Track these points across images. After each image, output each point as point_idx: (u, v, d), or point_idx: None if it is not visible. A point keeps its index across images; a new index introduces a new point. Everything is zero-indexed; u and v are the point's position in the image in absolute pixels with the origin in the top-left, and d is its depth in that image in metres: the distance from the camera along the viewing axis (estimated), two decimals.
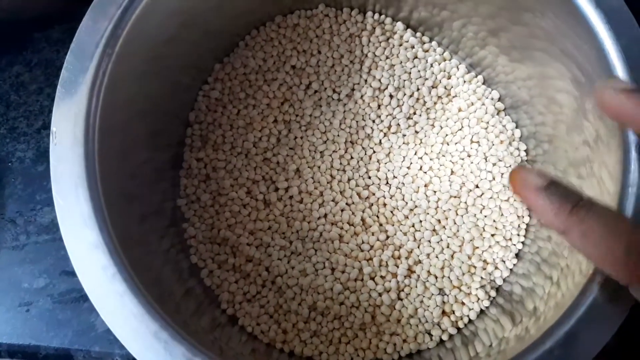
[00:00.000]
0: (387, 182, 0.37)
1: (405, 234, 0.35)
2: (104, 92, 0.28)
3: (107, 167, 0.27)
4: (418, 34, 0.38)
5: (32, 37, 0.44)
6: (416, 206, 0.36)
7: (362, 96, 0.38)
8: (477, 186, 0.36)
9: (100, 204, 0.25)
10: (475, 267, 0.34)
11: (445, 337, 0.33)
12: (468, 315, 0.34)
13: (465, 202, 0.35)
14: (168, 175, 0.37)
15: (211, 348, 0.28)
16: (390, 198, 0.36)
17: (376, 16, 0.38)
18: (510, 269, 0.34)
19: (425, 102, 0.38)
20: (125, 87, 0.30)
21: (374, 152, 0.37)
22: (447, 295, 0.34)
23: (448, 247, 0.35)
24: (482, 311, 0.34)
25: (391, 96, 0.38)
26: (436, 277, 0.34)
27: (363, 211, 0.36)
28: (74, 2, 0.42)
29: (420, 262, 0.35)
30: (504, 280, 0.34)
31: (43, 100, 0.42)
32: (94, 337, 0.35)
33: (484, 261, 0.34)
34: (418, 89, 0.38)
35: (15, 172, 0.40)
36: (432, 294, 0.34)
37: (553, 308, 0.29)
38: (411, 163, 0.37)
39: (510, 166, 0.36)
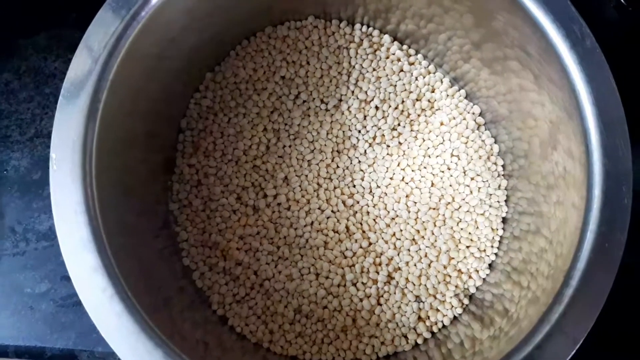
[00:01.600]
0: (371, 191, 0.39)
1: (386, 242, 0.38)
2: (105, 98, 0.29)
3: (102, 165, 0.29)
4: (404, 47, 0.40)
5: (18, 44, 0.44)
6: (397, 216, 0.38)
7: (349, 107, 0.39)
8: (454, 199, 0.37)
9: (98, 229, 0.27)
10: (450, 276, 0.37)
11: (420, 341, 0.36)
12: (442, 321, 0.36)
13: (444, 215, 0.37)
14: (160, 178, 0.38)
15: (196, 347, 0.30)
16: (374, 207, 0.38)
17: (364, 28, 0.39)
18: (483, 279, 0.37)
19: (409, 114, 0.39)
20: (126, 91, 0.31)
21: (359, 161, 0.39)
22: (423, 302, 0.36)
23: (426, 256, 0.37)
24: (455, 317, 0.36)
25: (377, 108, 0.39)
26: (414, 285, 0.37)
27: (347, 219, 0.38)
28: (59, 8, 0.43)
29: (399, 269, 0.37)
30: (477, 288, 0.37)
31: (34, 108, 0.42)
32: (97, 338, 0.37)
33: (459, 271, 0.37)
34: (403, 102, 0.39)
35: (11, 180, 0.41)
36: (410, 301, 0.36)
37: (526, 306, 0.31)
38: (394, 174, 0.39)
39: (487, 181, 0.37)
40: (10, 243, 0.40)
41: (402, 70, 0.39)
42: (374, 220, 0.38)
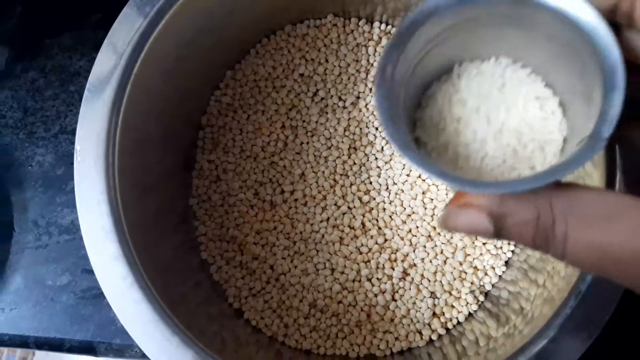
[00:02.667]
0: (387, 188, 0.39)
1: (402, 238, 0.38)
2: (128, 92, 0.30)
3: (124, 166, 0.30)
4: None
5: (44, 44, 0.45)
6: (413, 212, 0.38)
7: (366, 104, 0.39)
8: None
9: (120, 219, 0.28)
10: (466, 273, 0.37)
11: (434, 337, 0.36)
12: (457, 318, 0.36)
13: None
14: (179, 175, 0.39)
15: (213, 339, 0.31)
16: (390, 203, 0.38)
17: (383, 26, 0.40)
18: (499, 276, 0.37)
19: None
20: (148, 89, 0.32)
21: (376, 158, 0.39)
22: (438, 299, 0.36)
23: (442, 253, 0.37)
24: (470, 314, 0.36)
25: None
26: (429, 281, 0.37)
27: (363, 215, 0.38)
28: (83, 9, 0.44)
29: (414, 265, 0.37)
30: (493, 285, 0.37)
31: (59, 105, 0.44)
32: (115, 330, 0.38)
33: (475, 268, 0.37)
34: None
35: (35, 175, 0.42)
36: (424, 297, 0.36)
37: (541, 305, 0.31)
38: (410, 171, 0.39)
39: None
40: (33, 236, 0.42)
41: None
42: (390, 216, 0.38)
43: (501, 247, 0.37)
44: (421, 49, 0.19)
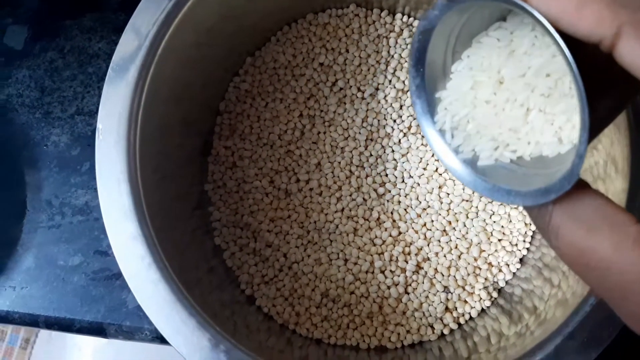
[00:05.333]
0: (403, 181, 0.39)
1: (416, 232, 0.38)
2: (151, 75, 0.30)
3: (144, 148, 0.30)
4: None
5: (64, 24, 0.45)
6: (429, 206, 0.38)
7: (385, 96, 0.39)
8: None
9: (140, 199, 0.28)
10: (480, 268, 0.37)
11: (446, 331, 0.36)
12: (470, 313, 0.36)
13: (476, 207, 0.37)
14: (198, 160, 0.39)
15: (226, 323, 0.31)
16: (405, 197, 0.38)
17: (405, 18, 0.39)
18: (514, 273, 0.36)
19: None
20: (168, 74, 0.32)
21: (393, 151, 0.39)
22: (452, 293, 0.36)
23: (456, 247, 0.37)
24: (483, 310, 0.36)
25: None
26: (442, 275, 0.37)
27: (378, 207, 0.38)
28: None
29: (428, 259, 0.37)
30: (507, 282, 0.37)
31: (76, 86, 0.44)
32: (125, 312, 0.38)
33: (489, 264, 0.37)
34: None
35: (50, 155, 0.42)
36: (438, 291, 0.36)
37: (554, 306, 0.31)
38: (427, 164, 0.39)
39: None
40: (46, 216, 0.42)
41: None
42: (405, 209, 0.38)
43: (516, 245, 0.37)
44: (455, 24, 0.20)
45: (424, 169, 0.39)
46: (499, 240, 0.37)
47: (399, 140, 0.39)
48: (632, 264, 0.15)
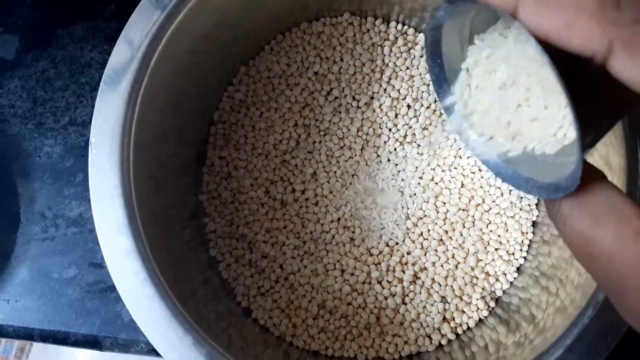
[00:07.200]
0: (400, 190, 0.38)
1: (413, 241, 0.37)
2: (144, 86, 0.29)
3: (138, 159, 0.29)
4: None
5: (56, 33, 0.44)
6: (425, 215, 0.38)
7: (380, 105, 0.39)
8: (484, 201, 0.37)
9: (134, 212, 0.27)
10: (477, 278, 0.36)
11: (444, 342, 0.36)
12: (467, 323, 0.36)
13: (473, 216, 0.37)
14: (192, 170, 0.39)
15: (222, 336, 0.30)
16: (402, 206, 0.38)
17: (399, 26, 0.39)
18: (511, 282, 0.36)
19: (441, 114, 0.39)
20: (162, 83, 0.31)
21: (389, 160, 0.39)
22: (449, 303, 0.36)
23: (453, 257, 0.37)
24: (480, 320, 0.36)
25: (409, 106, 0.39)
26: (440, 285, 0.36)
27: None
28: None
29: (425, 269, 0.37)
30: (504, 292, 0.36)
31: (69, 96, 0.43)
32: (121, 325, 0.38)
33: (486, 273, 0.36)
34: (435, 101, 0.39)
35: (43, 166, 0.42)
36: (435, 301, 0.36)
37: (553, 314, 0.31)
38: (423, 173, 0.38)
39: None
40: (39, 228, 0.41)
41: None
42: (402, 219, 0.38)
43: (513, 254, 0.37)
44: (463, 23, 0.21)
45: (420, 178, 0.38)
46: (496, 249, 0.36)
47: (395, 149, 0.39)
48: (632, 258, 0.15)
